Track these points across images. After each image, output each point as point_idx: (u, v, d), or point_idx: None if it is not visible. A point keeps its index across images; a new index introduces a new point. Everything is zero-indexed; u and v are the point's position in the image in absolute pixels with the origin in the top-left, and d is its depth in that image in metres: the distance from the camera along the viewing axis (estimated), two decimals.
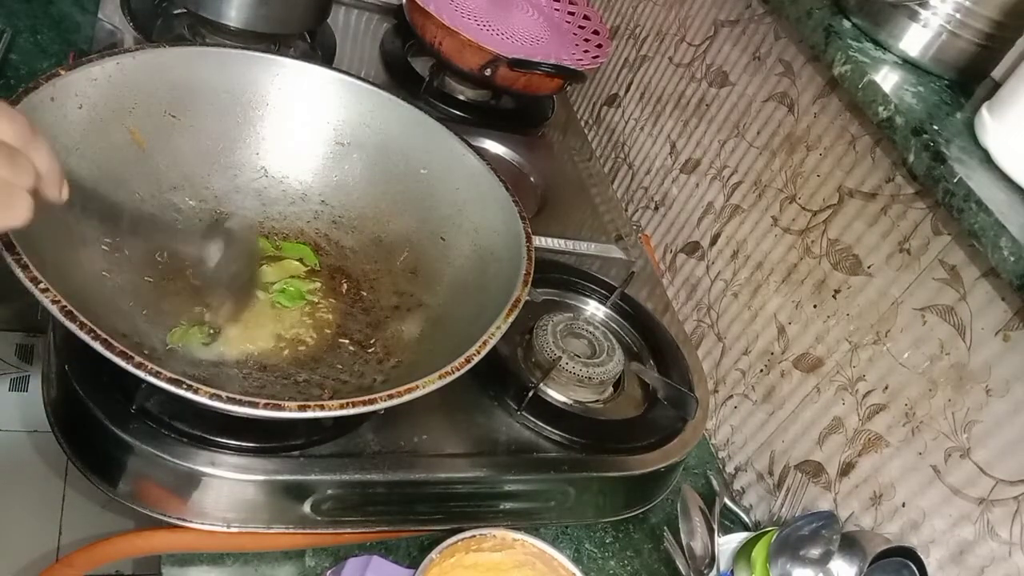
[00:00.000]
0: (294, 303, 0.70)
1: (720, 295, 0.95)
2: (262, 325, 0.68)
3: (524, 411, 0.72)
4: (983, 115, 0.62)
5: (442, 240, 0.76)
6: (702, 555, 0.71)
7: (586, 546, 0.75)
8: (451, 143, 0.78)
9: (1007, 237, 0.54)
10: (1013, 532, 0.62)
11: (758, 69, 0.93)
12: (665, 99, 1.09)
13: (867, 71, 0.66)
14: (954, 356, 0.68)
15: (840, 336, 0.78)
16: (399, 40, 1.14)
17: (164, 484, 0.59)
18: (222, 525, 0.60)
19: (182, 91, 0.71)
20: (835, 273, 0.80)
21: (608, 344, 0.81)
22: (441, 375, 0.57)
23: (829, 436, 0.78)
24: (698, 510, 0.72)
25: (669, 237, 1.05)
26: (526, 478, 0.69)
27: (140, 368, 0.49)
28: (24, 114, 0.45)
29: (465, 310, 0.69)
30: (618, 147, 1.18)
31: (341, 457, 0.63)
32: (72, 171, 0.63)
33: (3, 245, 0.50)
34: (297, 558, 0.65)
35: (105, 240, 0.65)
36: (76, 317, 0.49)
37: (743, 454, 0.88)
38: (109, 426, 0.57)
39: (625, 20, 1.19)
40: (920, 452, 0.70)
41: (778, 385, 0.85)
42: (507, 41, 1.11)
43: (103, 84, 0.64)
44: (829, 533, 0.68)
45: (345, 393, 0.65)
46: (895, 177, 0.75)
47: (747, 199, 0.92)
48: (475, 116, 1.07)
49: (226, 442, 0.59)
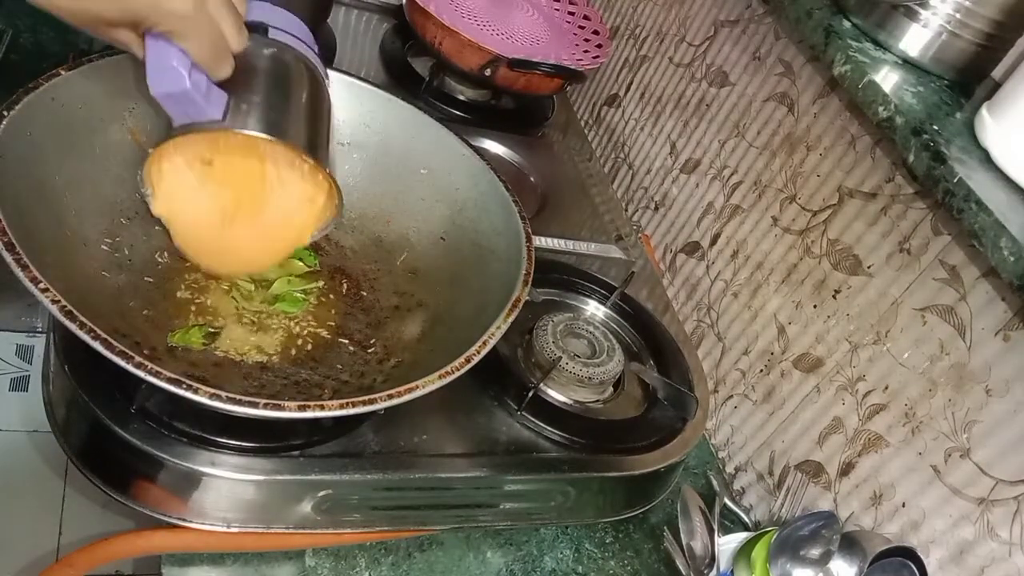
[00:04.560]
0: (297, 307, 0.70)
1: (720, 295, 0.95)
2: (262, 325, 0.68)
3: (524, 411, 0.72)
4: (983, 115, 0.62)
5: (442, 240, 0.76)
6: (702, 555, 0.71)
7: (586, 546, 0.76)
8: (451, 143, 0.78)
9: (1007, 237, 0.54)
10: (1013, 532, 0.62)
11: (758, 69, 0.93)
12: (665, 99, 1.09)
13: (867, 71, 0.66)
14: (954, 356, 0.68)
15: (840, 336, 0.78)
16: (399, 40, 1.15)
17: (164, 484, 0.59)
18: (222, 525, 0.60)
19: None
20: (835, 273, 0.80)
21: (608, 344, 0.81)
22: (441, 375, 0.57)
23: (829, 436, 0.78)
24: (698, 510, 0.72)
25: (669, 237, 1.05)
26: (526, 478, 0.69)
27: (140, 368, 0.49)
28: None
29: (465, 310, 0.69)
30: (618, 147, 1.18)
31: (341, 457, 0.63)
32: (72, 171, 0.63)
33: (3, 245, 0.50)
34: (297, 558, 0.65)
35: (105, 240, 0.65)
36: (76, 317, 0.49)
37: (743, 454, 0.88)
38: (109, 426, 0.57)
39: (625, 20, 1.19)
40: (920, 452, 0.70)
41: (778, 385, 0.85)
42: (507, 41, 1.11)
43: (103, 84, 0.64)
44: (829, 533, 0.68)
45: (345, 393, 0.65)
46: (895, 177, 0.75)
47: (747, 199, 0.92)
48: (475, 116, 1.07)
49: (226, 442, 0.59)
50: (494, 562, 0.71)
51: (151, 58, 0.53)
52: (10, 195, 0.54)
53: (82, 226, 0.63)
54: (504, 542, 0.73)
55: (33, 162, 0.60)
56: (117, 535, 0.63)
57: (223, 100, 0.59)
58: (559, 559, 0.73)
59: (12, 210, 0.53)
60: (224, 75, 0.57)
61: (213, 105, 0.58)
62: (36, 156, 0.60)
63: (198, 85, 0.55)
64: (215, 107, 0.58)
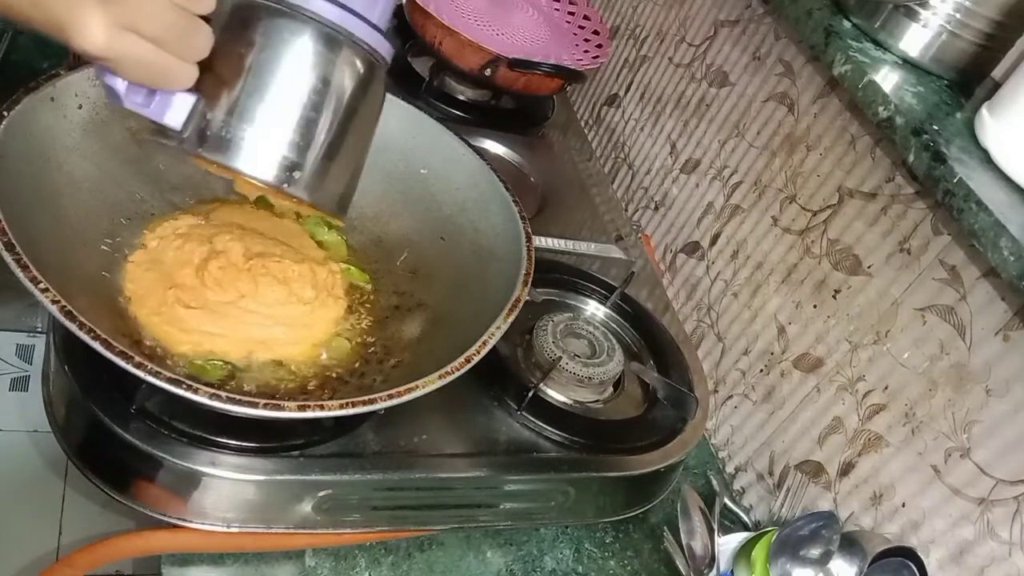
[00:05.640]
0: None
1: (720, 295, 0.95)
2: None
3: (524, 411, 0.72)
4: (983, 115, 0.62)
5: (442, 240, 0.76)
6: (702, 555, 0.71)
7: (586, 546, 0.76)
8: (451, 143, 0.78)
9: (1007, 237, 0.54)
10: (1013, 532, 0.62)
11: (758, 69, 0.93)
12: (665, 99, 1.09)
13: (867, 71, 0.66)
14: (954, 356, 0.68)
15: (840, 336, 0.78)
16: (399, 40, 1.14)
17: (164, 484, 0.59)
18: (222, 525, 0.60)
19: None
20: (835, 273, 0.80)
21: (608, 344, 0.81)
22: (441, 375, 0.57)
23: (829, 436, 0.78)
24: (698, 510, 0.72)
25: (669, 237, 1.05)
26: (526, 478, 0.69)
27: (140, 368, 0.49)
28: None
29: (465, 310, 0.69)
30: (618, 147, 1.18)
31: (341, 457, 0.63)
32: (72, 171, 0.63)
33: (3, 245, 0.50)
34: (297, 558, 0.65)
35: (105, 240, 0.65)
36: (76, 317, 0.49)
37: (743, 454, 0.88)
38: (109, 426, 0.57)
39: (625, 20, 1.19)
40: (920, 452, 0.70)
41: (778, 385, 0.85)
42: (507, 41, 1.11)
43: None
44: (829, 533, 0.68)
45: (345, 393, 0.65)
46: (895, 177, 0.75)
47: (747, 199, 0.92)
48: (475, 116, 1.07)
49: (226, 442, 0.59)
50: (494, 562, 0.71)
51: (96, 70, 0.47)
52: (10, 195, 0.55)
53: (82, 226, 0.63)
54: (504, 542, 0.73)
55: (33, 162, 0.60)
56: (117, 535, 0.63)
57: (186, 106, 0.48)
58: (559, 559, 0.73)
59: (12, 210, 0.53)
60: (179, 87, 0.47)
61: (173, 112, 0.48)
62: (36, 156, 0.60)
63: (146, 97, 0.47)
64: (173, 115, 0.48)
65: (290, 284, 0.67)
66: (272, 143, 0.49)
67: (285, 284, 0.67)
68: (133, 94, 0.47)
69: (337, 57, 0.49)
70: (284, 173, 0.49)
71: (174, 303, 0.63)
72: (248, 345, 0.64)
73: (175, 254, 0.66)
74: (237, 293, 0.65)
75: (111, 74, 0.45)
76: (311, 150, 0.49)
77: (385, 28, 0.51)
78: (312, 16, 0.48)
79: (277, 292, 0.66)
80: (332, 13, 0.48)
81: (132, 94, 0.47)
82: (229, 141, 0.48)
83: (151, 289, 0.63)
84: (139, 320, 0.62)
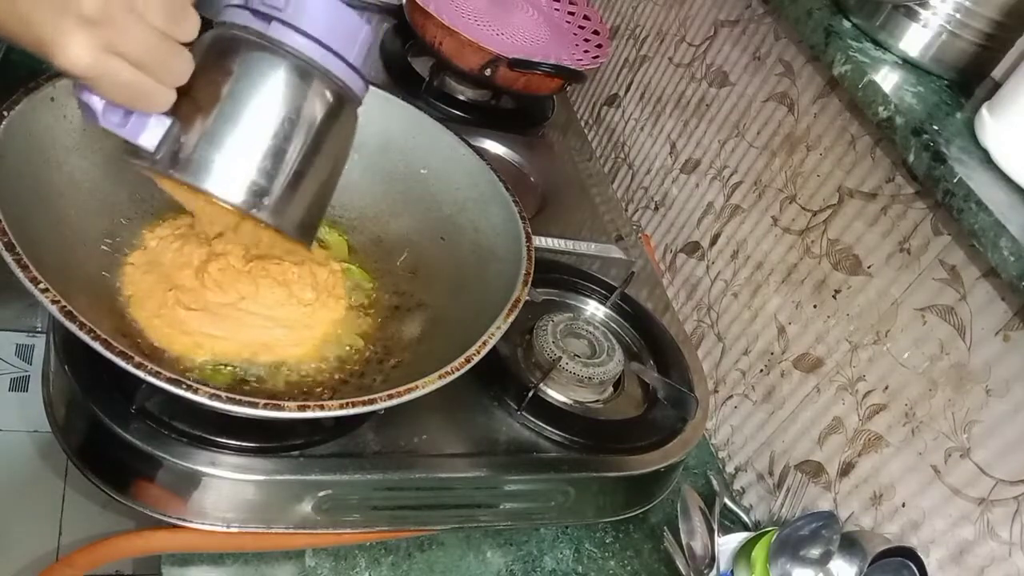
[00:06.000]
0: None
1: (720, 295, 0.95)
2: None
3: (524, 411, 0.72)
4: (983, 115, 0.62)
5: (442, 240, 0.76)
6: (702, 555, 0.71)
7: (586, 546, 0.76)
8: (451, 143, 0.78)
9: (1007, 237, 0.54)
10: (1013, 532, 0.62)
11: (758, 69, 0.93)
12: (665, 99, 1.09)
13: (867, 71, 0.66)
14: (954, 356, 0.68)
15: (840, 336, 0.78)
16: (399, 40, 1.14)
17: (164, 484, 0.59)
18: (222, 525, 0.60)
19: None
20: (835, 273, 0.80)
21: (608, 344, 0.81)
22: (441, 375, 0.57)
23: (829, 436, 0.78)
24: (698, 510, 0.72)
25: (669, 237, 1.05)
26: (526, 478, 0.69)
27: (140, 368, 0.49)
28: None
29: (465, 310, 0.69)
30: (618, 147, 1.18)
31: (341, 457, 0.63)
32: (72, 171, 0.63)
33: (3, 245, 0.50)
34: (297, 558, 0.65)
35: (105, 240, 0.65)
36: (76, 317, 0.49)
37: (743, 454, 0.88)
38: (109, 426, 0.57)
39: (625, 20, 1.19)
40: (920, 452, 0.70)
41: (778, 385, 0.85)
42: (507, 41, 1.11)
43: None
44: (829, 533, 0.68)
45: (345, 393, 0.65)
46: (895, 177, 0.75)
47: (747, 199, 0.92)
48: (475, 116, 1.07)
49: (226, 442, 0.59)
50: (494, 562, 0.71)
51: (74, 88, 0.47)
52: (10, 195, 0.54)
53: (82, 226, 0.63)
54: (504, 542, 0.73)
55: (33, 162, 0.60)
56: (117, 535, 0.63)
57: (161, 128, 0.49)
58: (559, 559, 0.73)
59: (12, 210, 0.53)
60: (157, 110, 0.48)
61: (147, 133, 0.49)
62: (36, 156, 0.60)
63: (123, 118, 0.48)
64: (148, 136, 0.49)
65: (290, 286, 0.67)
66: (242, 168, 0.50)
67: (285, 286, 0.67)
68: (110, 114, 0.47)
69: (311, 91, 0.51)
70: (252, 198, 0.50)
71: (174, 305, 0.63)
72: (251, 348, 0.64)
73: (174, 256, 0.66)
74: (237, 295, 0.65)
75: (89, 92, 0.46)
76: (279, 177, 0.51)
77: (361, 66, 0.54)
78: (290, 51, 0.50)
79: (277, 294, 0.66)
80: (310, 50, 0.50)
81: (109, 114, 0.47)
82: (200, 164, 0.49)
83: (151, 291, 0.63)
84: (139, 322, 0.62)
